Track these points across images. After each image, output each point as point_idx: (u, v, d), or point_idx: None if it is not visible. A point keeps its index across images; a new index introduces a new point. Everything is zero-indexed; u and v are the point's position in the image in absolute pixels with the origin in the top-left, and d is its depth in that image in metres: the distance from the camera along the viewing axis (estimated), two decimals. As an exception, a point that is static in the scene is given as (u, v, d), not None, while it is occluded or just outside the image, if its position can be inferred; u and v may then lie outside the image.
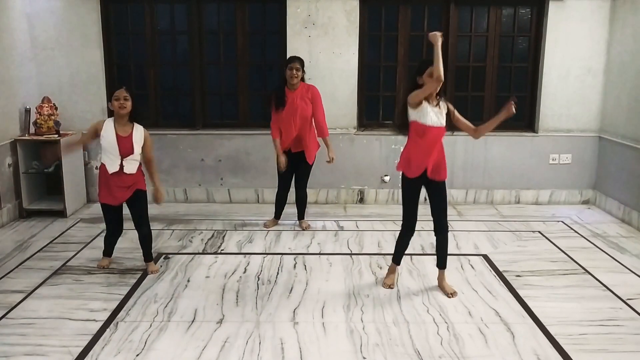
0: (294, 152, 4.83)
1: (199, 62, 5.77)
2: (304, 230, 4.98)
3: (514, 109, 3.55)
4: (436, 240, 3.78)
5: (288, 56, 5.13)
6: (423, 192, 3.70)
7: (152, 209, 5.46)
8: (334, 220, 5.28)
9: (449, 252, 4.35)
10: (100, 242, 4.62)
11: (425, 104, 3.51)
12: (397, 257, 3.87)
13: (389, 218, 5.32)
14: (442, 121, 3.55)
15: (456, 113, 3.68)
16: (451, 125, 3.66)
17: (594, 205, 5.84)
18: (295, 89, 4.69)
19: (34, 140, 5.32)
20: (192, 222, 5.18)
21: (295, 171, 4.94)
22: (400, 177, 3.75)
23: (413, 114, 3.53)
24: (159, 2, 5.70)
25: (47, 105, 5.38)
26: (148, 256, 4.09)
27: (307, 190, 5.04)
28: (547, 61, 5.66)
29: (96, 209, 5.57)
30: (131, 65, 5.81)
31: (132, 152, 3.82)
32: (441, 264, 3.80)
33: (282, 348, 3.05)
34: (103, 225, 5.01)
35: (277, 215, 5.14)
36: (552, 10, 5.56)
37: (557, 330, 3.25)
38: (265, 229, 4.99)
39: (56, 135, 5.31)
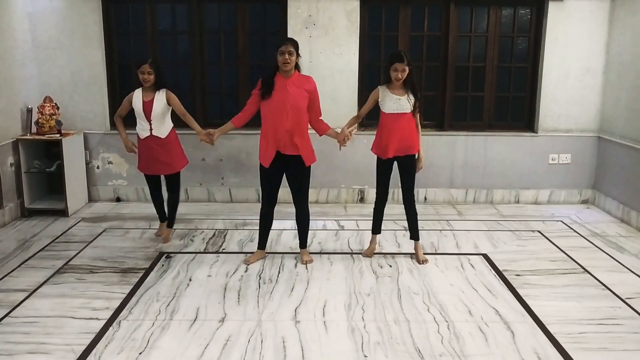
0: (285, 154, 3.99)
1: (199, 62, 5.79)
2: (304, 264, 4.21)
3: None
4: (405, 212, 4.30)
5: None
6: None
7: (154, 209, 5.49)
8: (335, 220, 5.30)
9: (449, 252, 4.41)
10: (101, 242, 4.67)
11: (386, 92, 4.08)
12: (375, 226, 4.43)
13: (389, 217, 5.31)
14: (403, 108, 4.05)
15: (416, 110, 4.12)
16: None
17: (593, 205, 5.86)
18: (289, 76, 3.96)
19: (36, 140, 5.34)
20: (193, 222, 5.20)
21: (289, 182, 4.14)
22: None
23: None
24: (160, 2, 5.71)
25: (48, 104, 5.40)
26: (170, 218, 4.67)
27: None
28: (547, 61, 5.68)
29: (97, 208, 5.63)
30: (132, 65, 5.81)
31: (151, 110, 4.30)
32: (413, 236, 4.33)
33: (284, 346, 3.07)
34: (105, 225, 5.09)
35: (262, 244, 4.28)
36: (552, 11, 5.58)
37: (557, 329, 3.27)
38: (246, 264, 4.19)
39: (58, 135, 5.32)
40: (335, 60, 5.64)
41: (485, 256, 4.40)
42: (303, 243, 4.31)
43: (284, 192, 5.69)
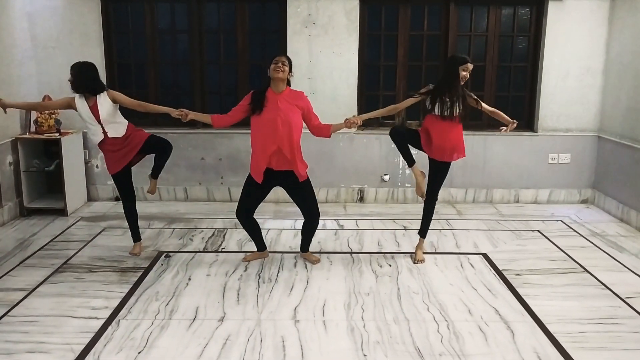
0: (277, 170, 3.90)
1: (199, 61, 5.78)
2: (314, 263, 4.22)
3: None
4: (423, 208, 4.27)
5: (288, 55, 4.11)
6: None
7: (153, 208, 5.48)
8: (334, 219, 5.29)
9: (449, 251, 4.40)
10: (101, 241, 4.66)
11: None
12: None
13: (388, 217, 5.34)
14: (449, 113, 3.94)
15: (481, 104, 4.12)
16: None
17: (593, 205, 5.86)
18: (280, 91, 3.87)
19: (35, 139, 5.33)
20: (193, 221, 5.19)
21: (292, 198, 4.12)
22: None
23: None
24: (160, 1, 5.70)
25: (47, 103, 5.39)
26: (155, 171, 4.29)
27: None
28: (547, 61, 5.68)
29: (97, 207, 5.62)
30: (131, 64, 5.82)
31: (99, 115, 3.98)
32: (421, 232, 4.29)
33: (284, 346, 3.06)
34: (104, 224, 5.08)
35: (260, 246, 4.30)
36: (552, 10, 5.58)
37: (557, 328, 3.27)
38: (244, 261, 4.25)
39: (57, 134, 5.31)
40: (334, 59, 5.63)
41: (485, 256, 4.39)
42: (306, 247, 4.29)
43: (285, 191, 5.67)
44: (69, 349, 3.00)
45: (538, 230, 5.02)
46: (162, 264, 4.17)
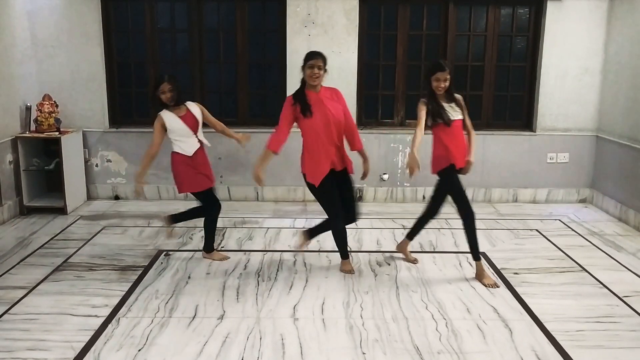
0: (338, 170, 3.84)
1: (198, 60, 5.79)
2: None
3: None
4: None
5: (303, 53, 3.85)
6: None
7: (153, 207, 5.49)
8: (333, 218, 5.30)
9: (447, 250, 4.44)
10: (100, 240, 4.66)
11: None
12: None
13: (387, 216, 5.35)
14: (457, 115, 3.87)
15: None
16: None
17: (591, 204, 5.88)
18: (318, 90, 3.78)
19: (35, 138, 5.34)
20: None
21: (341, 195, 3.89)
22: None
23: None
24: (159, 0, 5.71)
25: (47, 102, 5.39)
26: (208, 243, 4.29)
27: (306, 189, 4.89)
28: (545, 61, 5.69)
29: (96, 206, 5.63)
30: (131, 63, 5.83)
31: (198, 123, 4.02)
32: (474, 256, 3.94)
33: (283, 344, 3.08)
34: (103, 222, 5.08)
35: (345, 253, 4.10)
36: (550, 10, 5.60)
37: (555, 326, 3.29)
38: (347, 273, 4.03)
39: (57, 133, 5.32)
40: (334, 58, 5.62)
41: (484, 254, 4.40)
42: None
43: (284, 190, 5.66)
44: (69, 347, 3.01)
45: (536, 230, 5.04)
46: (161, 263, 4.18)
